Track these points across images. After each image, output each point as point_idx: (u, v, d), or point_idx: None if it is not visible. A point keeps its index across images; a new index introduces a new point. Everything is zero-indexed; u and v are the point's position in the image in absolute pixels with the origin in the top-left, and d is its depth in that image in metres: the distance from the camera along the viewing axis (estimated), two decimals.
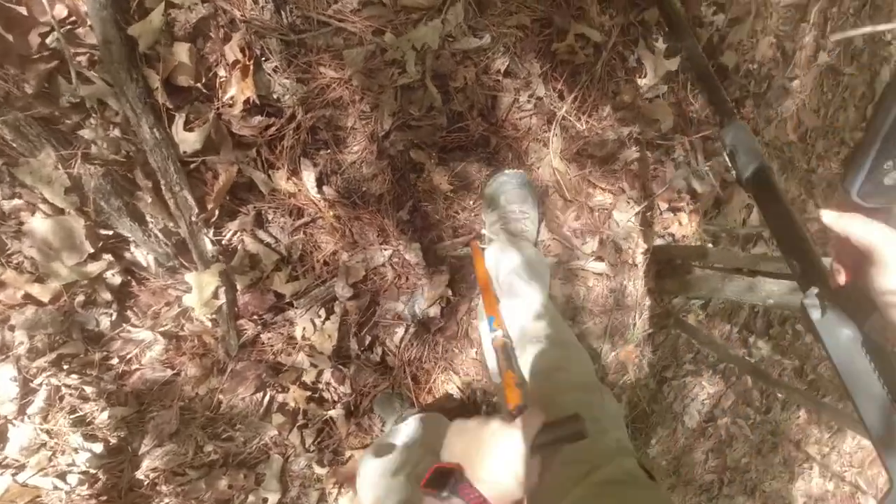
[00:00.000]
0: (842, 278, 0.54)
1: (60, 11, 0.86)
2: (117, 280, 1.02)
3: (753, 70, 1.74)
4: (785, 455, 2.45)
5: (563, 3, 1.28)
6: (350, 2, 1.09)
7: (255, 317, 1.17)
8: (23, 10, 0.84)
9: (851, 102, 2.10)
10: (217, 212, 1.07)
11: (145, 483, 1.15)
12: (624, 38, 1.39)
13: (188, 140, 0.99)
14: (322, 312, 1.23)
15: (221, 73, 1.01)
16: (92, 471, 1.08)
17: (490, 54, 1.25)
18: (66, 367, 1.01)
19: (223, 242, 1.10)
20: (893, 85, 0.41)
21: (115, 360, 1.06)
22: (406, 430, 1.14)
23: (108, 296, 1.01)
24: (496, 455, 0.54)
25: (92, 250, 0.95)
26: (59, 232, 0.93)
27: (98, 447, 1.07)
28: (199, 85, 0.98)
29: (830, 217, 0.51)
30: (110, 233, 0.98)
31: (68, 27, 0.87)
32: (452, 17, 1.16)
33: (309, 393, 1.27)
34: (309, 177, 1.16)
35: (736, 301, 1.89)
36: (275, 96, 1.07)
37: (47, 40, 0.87)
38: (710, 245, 1.64)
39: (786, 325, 2.18)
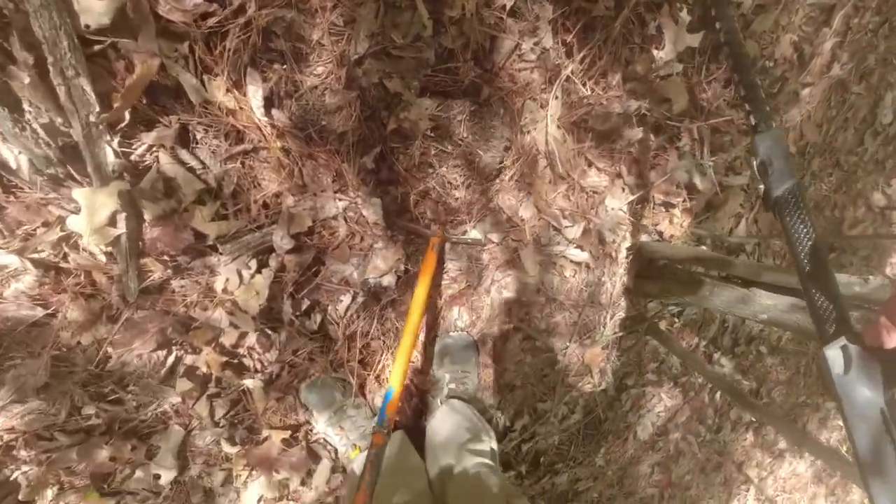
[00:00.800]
0: (889, 341, 0.50)
1: None
2: None
3: (770, 68, 1.61)
4: (726, 475, 2.41)
5: None
6: None
7: (166, 257, 0.94)
8: None
9: (852, 124, 2.02)
10: (127, 115, 0.83)
11: None
12: None
13: (92, 9, 0.74)
14: (252, 264, 1.01)
15: None
16: None
17: None
18: None
19: (132, 157, 0.86)
20: None
21: None
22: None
23: None
24: None
25: None
26: None
27: None
28: None
29: None
30: None
31: None
32: None
33: (226, 358, 1.05)
34: (255, 93, 0.93)
35: (714, 312, 1.78)
36: None
37: None
38: (703, 248, 1.50)
39: (752, 345, 2.11)
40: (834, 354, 0.56)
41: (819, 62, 1.76)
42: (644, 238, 1.46)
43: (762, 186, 0.73)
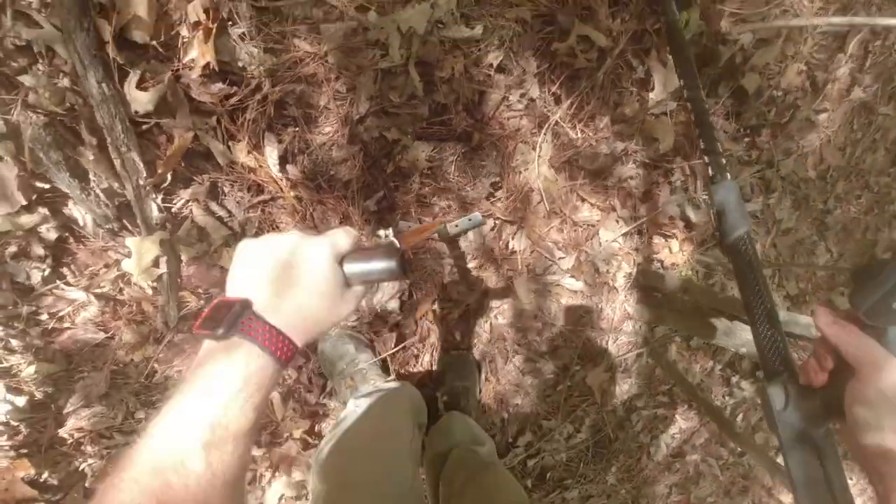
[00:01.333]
0: (819, 379, 0.55)
1: None
2: (52, 235, 0.98)
3: (777, 97, 1.62)
4: (754, 500, 2.36)
5: (569, 1, 1.19)
6: None
7: (200, 290, 1.13)
8: None
9: (883, 145, 1.96)
10: (168, 177, 1.03)
11: (69, 441, 1.13)
12: (634, 46, 1.29)
13: (140, 99, 0.94)
14: None
15: (184, 33, 0.95)
16: (14, 423, 1.06)
17: (483, 46, 1.17)
18: None
19: (172, 210, 1.06)
20: None
21: (44, 316, 1.03)
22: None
23: (41, 250, 0.98)
24: (295, 275, 0.44)
25: (25, 202, 0.91)
26: None
27: (21, 400, 1.05)
28: (156, 43, 0.93)
29: (825, 321, 0.52)
30: (47, 186, 0.94)
31: None
32: (444, 1, 1.08)
33: None
34: (272, 153, 1.10)
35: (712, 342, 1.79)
36: (240, 64, 1.01)
37: None
38: (693, 279, 1.54)
39: None
40: (775, 391, 0.60)
41: (837, 87, 1.74)
42: (644, 267, 1.52)
43: (717, 233, 0.82)
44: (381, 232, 0.64)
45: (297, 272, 0.44)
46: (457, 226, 1.27)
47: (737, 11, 1.38)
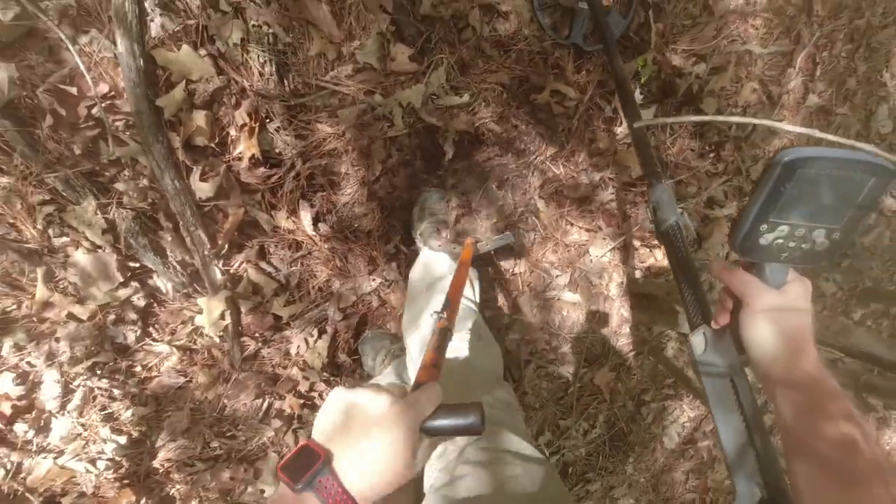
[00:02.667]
0: (723, 319, 0.64)
1: (102, 88, 1.06)
2: (142, 303, 1.22)
3: (736, 114, 1.82)
4: None
5: (540, 63, 1.42)
6: (345, 69, 1.26)
7: (257, 335, 1.36)
8: (73, 90, 1.04)
9: None
10: (226, 247, 1.26)
11: (161, 471, 1.36)
12: (601, 90, 1.52)
13: (203, 188, 1.18)
14: (314, 332, 1.41)
15: (232, 132, 1.19)
16: (117, 458, 1.29)
17: (474, 108, 1.40)
18: (98, 372, 1.22)
19: (231, 272, 1.29)
20: (773, 161, 0.51)
21: (138, 368, 1.26)
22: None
23: (134, 315, 1.22)
24: (377, 438, 0.45)
25: (122, 279, 1.16)
26: (96, 264, 1.13)
27: (122, 439, 1.28)
28: (212, 144, 1.17)
29: (718, 267, 0.62)
30: (137, 265, 1.19)
31: (108, 101, 1.07)
32: (434, 79, 1.32)
33: (302, 401, 1.45)
34: (306, 216, 1.34)
35: None
36: (277, 151, 1.25)
37: (92, 111, 1.07)
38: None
39: None
40: (696, 339, 0.68)
41: (792, 97, 1.94)
42: (636, 275, 1.72)
43: (653, 224, 1.00)
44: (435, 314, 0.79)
45: (381, 439, 0.45)
46: (486, 244, 1.41)
47: (688, 48, 1.60)
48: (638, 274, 1.72)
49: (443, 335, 0.72)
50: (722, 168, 1.80)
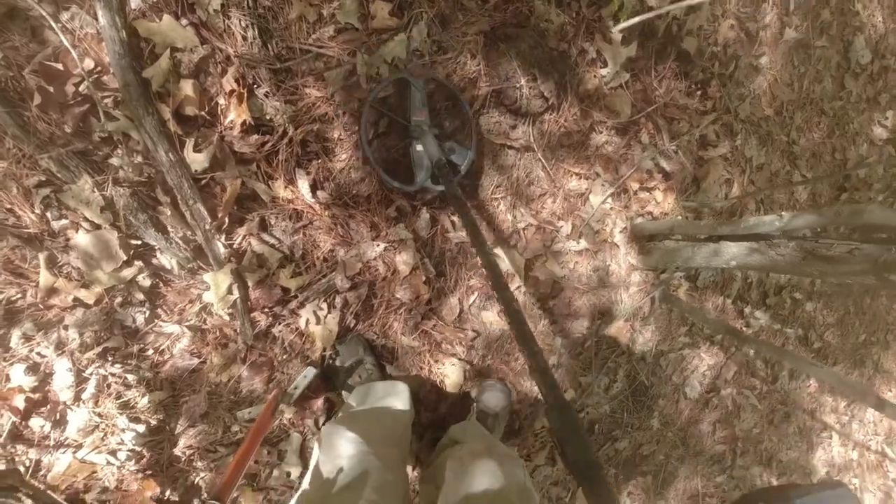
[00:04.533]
0: None
1: (88, 64, 1.06)
2: (147, 283, 1.20)
3: (718, 52, 1.84)
4: (800, 424, 2.47)
5: (522, 7, 1.43)
6: (327, 30, 1.27)
7: (266, 310, 1.34)
8: (59, 66, 1.04)
9: (827, 73, 2.16)
10: (227, 220, 1.25)
11: (183, 459, 1.33)
12: (584, 33, 1.53)
13: (197, 160, 1.17)
14: (324, 306, 1.39)
15: (221, 101, 1.19)
16: (137, 448, 1.26)
17: (459, 60, 1.41)
18: (110, 358, 1.20)
19: (234, 246, 1.28)
20: None
21: (150, 352, 1.24)
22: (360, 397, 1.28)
23: (141, 296, 1.20)
24: None
25: (125, 258, 1.14)
26: (97, 244, 1.12)
27: (141, 428, 1.25)
28: (203, 113, 1.17)
29: None
30: (139, 242, 1.17)
31: (95, 76, 1.07)
32: (416, 34, 1.32)
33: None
34: (303, 184, 1.33)
35: (709, 268, 1.97)
36: (267, 117, 1.24)
37: (80, 88, 1.06)
38: (679, 218, 1.73)
39: (783, 294, 2.23)
40: None
41: (770, 32, 1.96)
42: (638, 220, 1.72)
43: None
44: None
45: None
46: (296, 387, 1.30)
47: None
48: (640, 220, 1.72)
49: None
50: (710, 105, 1.81)
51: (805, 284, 2.29)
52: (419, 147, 1.35)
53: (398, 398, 1.28)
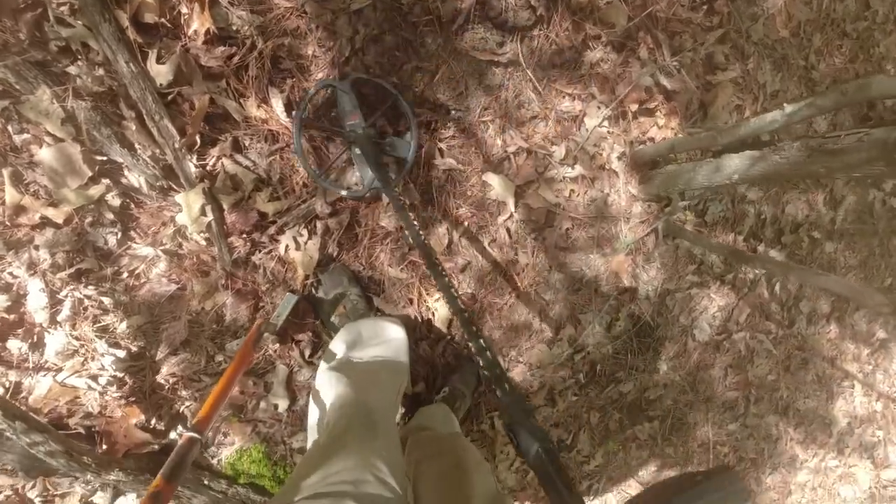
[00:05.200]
0: None
1: None
2: (117, 202, 1.17)
3: None
4: (818, 372, 2.36)
5: None
6: None
7: (244, 235, 1.30)
8: None
9: None
10: (197, 139, 1.21)
11: (166, 387, 1.31)
12: None
13: (161, 72, 1.13)
14: (304, 232, 1.35)
15: (184, 10, 1.14)
16: (119, 374, 1.25)
17: None
18: (84, 280, 1.18)
19: (207, 168, 1.24)
20: None
21: (125, 275, 1.22)
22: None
23: (111, 216, 1.17)
24: None
25: (90, 173, 1.11)
26: (61, 158, 1.09)
27: (121, 353, 1.24)
28: (164, 20, 1.12)
29: None
30: (104, 158, 1.14)
31: None
32: None
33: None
34: (277, 104, 1.27)
35: (711, 187, 1.86)
36: (234, 28, 1.19)
37: None
38: (680, 136, 1.62)
39: (800, 232, 2.11)
40: None
41: None
42: (638, 147, 1.62)
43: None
44: None
45: None
46: (279, 315, 1.29)
47: None
48: (640, 147, 1.62)
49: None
50: (717, 21, 1.68)
51: (825, 222, 2.15)
52: (357, 151, 1.29)
53: (391, 346, 1.26)
